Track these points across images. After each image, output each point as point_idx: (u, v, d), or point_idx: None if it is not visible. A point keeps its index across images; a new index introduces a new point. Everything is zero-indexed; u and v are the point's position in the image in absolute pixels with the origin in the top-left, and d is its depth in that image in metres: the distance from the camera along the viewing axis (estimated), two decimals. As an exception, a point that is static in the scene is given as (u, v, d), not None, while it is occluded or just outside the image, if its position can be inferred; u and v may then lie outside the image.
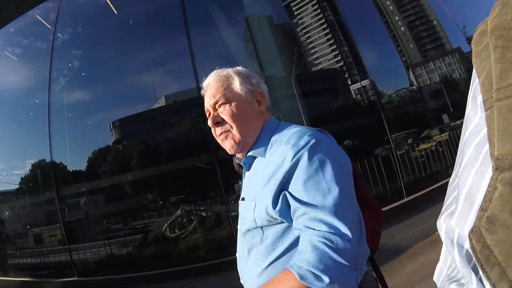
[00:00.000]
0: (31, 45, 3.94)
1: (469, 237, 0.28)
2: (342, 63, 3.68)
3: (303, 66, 3.70)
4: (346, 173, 0.69)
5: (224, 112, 0.80)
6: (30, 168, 3.55)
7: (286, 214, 0.67)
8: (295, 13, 4.03)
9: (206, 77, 0.87)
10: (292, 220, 0.67)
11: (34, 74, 3.91)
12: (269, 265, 0.70)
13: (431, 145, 3.36)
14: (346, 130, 3.12)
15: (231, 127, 0.80)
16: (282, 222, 0.69)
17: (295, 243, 0.67)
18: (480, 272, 0.27)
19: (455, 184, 0.33)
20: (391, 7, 4.63)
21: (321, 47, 3.72)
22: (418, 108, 3.93)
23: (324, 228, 0.60)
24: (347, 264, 0.58)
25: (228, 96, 0.81)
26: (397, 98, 3.75)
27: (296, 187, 0.66)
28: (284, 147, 0.70)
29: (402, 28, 4.49)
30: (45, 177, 3.30)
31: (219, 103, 0.81)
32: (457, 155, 0.34)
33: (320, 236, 0.60)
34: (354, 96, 3.48)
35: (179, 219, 2.82)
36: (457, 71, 4.41)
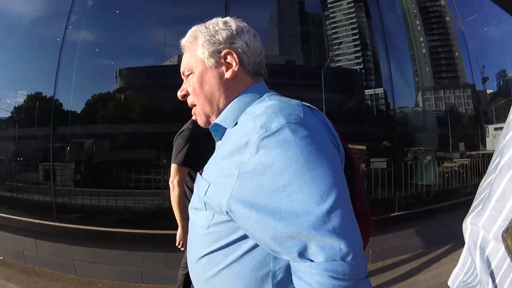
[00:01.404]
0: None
1: (502, 236, 0.28)
2: (361, 66, 3.77)
3: (323, 59, 3.77)
4: (336, 168, 0.53)
5: (188, 84, 0.70)
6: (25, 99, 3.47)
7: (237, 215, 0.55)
8: (328, 5, 4.05)
9: None
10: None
11: (53, 5, 3.78)
12: (205, 255, 0.60)
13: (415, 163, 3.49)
14: (354, 132, 3.22)
15: (196, 101, 0.70)
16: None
17: (243, 237, 0.57)
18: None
19: (486, 185, 0.34)
20: (419, 27, 4.73)
21: (346, 45, 3.79)
22: (418, 128, 4.11)
23: (323, 256, 0.48)
24: (362, 281, 0.50)
25: (191, 64, 0.69)
26: (400, 114, 3.91)
27: (266, 193, 0.51)
28: (252, 125, 0.54)
29: (424, 50, 4.61)
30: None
31: (184, 74, 0.72)
32: (492, 159, 0.34)
33: (322, 269, 0.47)
34: (366, 101, 3.60)
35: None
36: (463, 106, 4.62)
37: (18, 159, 3.42)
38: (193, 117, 0.74)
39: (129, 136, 3.29)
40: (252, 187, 0.51)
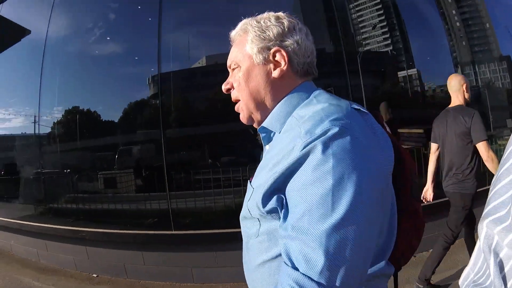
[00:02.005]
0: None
1: None
2: (391, 48, 3.58)
3: (350, 44, 3.61)
4: (372, 190, 0.50)
5: (234, 79, 0.69)
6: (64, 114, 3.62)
7: (277, 216, 0.55)
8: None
9: None
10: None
11: (70, 22, 3.89)
12: (263, 262, 0.60)
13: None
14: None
15: (240, 97, 0.68)
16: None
17: None
18: None
19: (503, 185, 0.32)
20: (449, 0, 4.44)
21: (372, 28, 3.61)
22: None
23: (303, 268, 0.46)
24: None
25: (238, 58, 0.68)
26: (441, 94, 3.67)
27: (293, 192, 0.52)
28: (298, 131, 0.54)
29: (458, 24, 4.32)
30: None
31: (231, 67, 0.70)
32: (504, 157, 0.32)
33: (292, 279, 0.47)
34: (399, 83, 3.40)
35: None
36: (499, 80, 4.30)
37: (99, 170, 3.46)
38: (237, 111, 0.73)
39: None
40: (287, 186, 0.53)
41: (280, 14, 0.68)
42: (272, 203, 0.54)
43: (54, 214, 3.35)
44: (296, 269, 0.47)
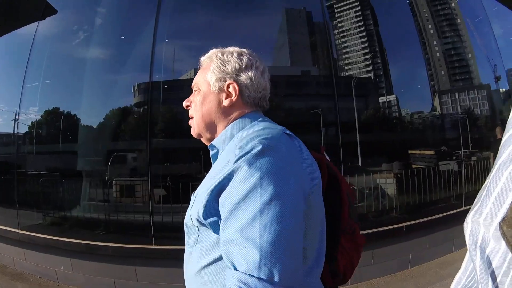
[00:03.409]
0: None
1: (499, 225, 0.29)
2: (372, 74, 3.80)
3: (333, 68, 3.82)
4: (292, 196, 0.57)
5: (193, 99, 0.80)
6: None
7: (216, 227, 0.61)
8: (336, 15, 4.14)
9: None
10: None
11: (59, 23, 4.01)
12: (201, 268, 0.65)
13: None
14: (365, 141, 3.23)
15: (194, 115, 0.79)
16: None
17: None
18: (510, 254, 0.29)
19: (486, 184, 0.34)
20: (431, 31, 4.73)
21: (355, 54, 3.83)
22: (437, 134, 4.05)
23: (244, 267, 0.52)
24: None
25: (200, 82, 0.78)
26: (418, 120, 3.88)
27: (226, 202, 0.58)
28: (233, 147, 0.63)
29: (438, 54, 4.59)
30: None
31: (193, 88, 0.81)
32: (497, 157, 0.35)
33: (236, 279, 0.52)
34: (378, 109, 3.61)
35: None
36: (478, 107, 4.54)
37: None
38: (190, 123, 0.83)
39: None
40: (221, 197, 0.59)
41: (244, 50, 0.78)
42: (211, 212, 0.60)
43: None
44: (238, 270, 0.53)
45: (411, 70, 4.16)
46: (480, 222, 0.32)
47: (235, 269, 0.53)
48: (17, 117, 3.52)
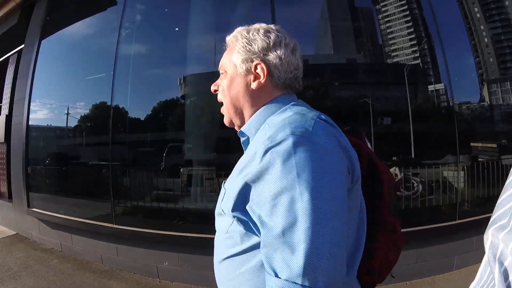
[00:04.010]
0: None
1: None
2: (419, 61, 3.63)
3: (378, 55, 3.68)
4: (334, 192, 0.52)
5: (221, 83, 0.76)
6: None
7: (245, 222, 0.59)
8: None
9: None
10: (256, 230, 0.57)
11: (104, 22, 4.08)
12: (227, 257, 0.64)
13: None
14: (415, 131, 3.11)
15: (223, 101, 0.75)
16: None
17: (256, 246, 0.58)
18: None
19: (507, 196, 0.34)
20: (478, 15, 4.45)
21: (401, 39, 3.67)
22: (485, 126, 3.85)
23: (286, 274, 0.48)
24: None
25: (226, 65, 0.74)
26: (467, 111, 3.70)
27: (262, 202, 0.54)
28: (263, 136, 0.58)
29: (486, 40, 4.33)
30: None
31: (220, 71, 0.77)
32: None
33: (279, 286, 0.49)
34: (427, 97, 3.45)
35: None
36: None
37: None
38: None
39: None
40: (252, 194, 0.56)
41: (271, 27, 0.72)
42: (242, 208, 0.57)
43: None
44: (279, 277, 0.49)
45: (459, 57, 3.94)
46: (499, 238, 0.32)
47: (276, 275, 0.50)
48: (68, 111, 3.66)
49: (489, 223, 0.35)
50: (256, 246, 0.59)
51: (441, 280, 2.68)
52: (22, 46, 4.52)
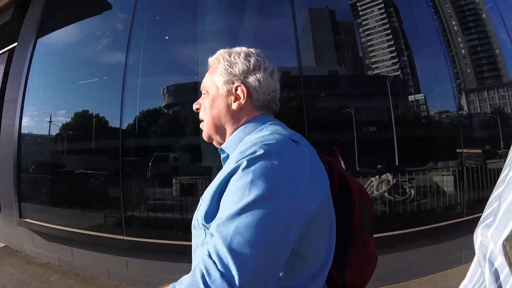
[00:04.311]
0: None
1: (503, 244, 0.29)
2: (399, 72, 3.76)
3: (359, 67, 3.80)
4: (281, 206, 0.55)
5: (202, 102, 0.79)
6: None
7: None
8: (360, 13, 4.11)
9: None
10: None
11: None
12: None
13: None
14: (396, 139, 3.21)
15: (204, 119, 0.79)
16: None
17: None
18: None
19: (495, 196, 0.35)
20: (455, 28, 4.66)
21: (382, 52, 3.81)
22: (465, 134, 3.99)
23: (215, 258, 0.51)
24: None
25: (208, 85, 0.78)
26: (446, 120, 3.83)
27: (224, 199, 0.58)
28: (238, 152, 0.63)
29: (463, 51, 4.52)
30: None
31: (202, 91, 0.81)
32: (503, 168, 0.35)
33: (204, 266, 0.52)
34: (407, 108, 3.57)
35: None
36: (509, 105, 4.44)
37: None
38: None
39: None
40: (222, 200, 0.59)
41: (251, 51, 0.77)
42: (214, 215, 0.59)
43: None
44: (210, 257, 0.52)
45: (437, 68, 4.10)
46: (488, 236, 0.32)
47: (209, 256, 0.53)
48: (51, 119, 3.62)
49: (479, 222, 0.36)
50: None
51: (451, 274, 2.84)
52: (15, 44, 4.26)
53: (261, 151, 0.58)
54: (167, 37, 3.78)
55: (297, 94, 3.09)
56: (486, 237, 0.33)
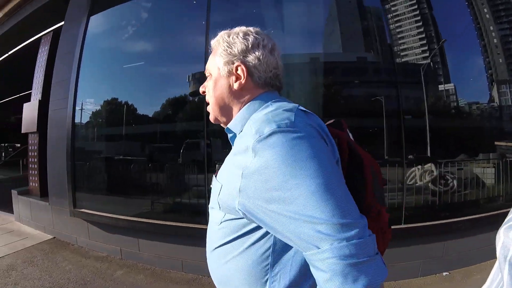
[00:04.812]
0: None
1: None
2: (429, 61, 3.63)
3: (387, 55, 3.68)
4: (327, 164, 0.57)
5: (207, 85, 0.81)
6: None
7: (240, 217, 0.64)
8: (389, -1, 3.96)
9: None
10: (248, 222, 0.64)
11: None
12: (218, 247, 0.70)
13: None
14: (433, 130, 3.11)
15: (209, 101, 0.80)
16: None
17: (242, 236, 0.65)
18: None
19: None
20: (487, 15, 4.46)
21: (411, 39, 3.68)
22: (494, 126, 3.85)
23: (327, 243, 0.52)
24: (373, 257, 0.52)
25: (211, 68, 0.79)
26: (476, 111, 3.70)
27: (262, 195, 0.57)
28: (249, 130, 0.63)
29: (495, 40, 4.34)
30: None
31: (206, 74, 0.82)
32: None
33: (330, 255, 0.51)
34: (438, 97, 3.46)
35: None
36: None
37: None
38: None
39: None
40: (256, 187, 0.57)
41: (250, 29, 0.77)
42: (237, 211, 0.62)
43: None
44: (321, 247, 0.52)
45: (468, 58, 3.95)
46: (510, 237, 0.32)
47: (318, 247, 0.52)
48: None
49: (503, 223, 0.36)
50: (241, 236, 0.65)
51: (476, 270, 2.73)
52: (61, 23, 4.00)
53: (280, 131, 0.57)
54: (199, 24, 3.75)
55: (326, 81, 3.02)
56: (508, 238, 0.33)
